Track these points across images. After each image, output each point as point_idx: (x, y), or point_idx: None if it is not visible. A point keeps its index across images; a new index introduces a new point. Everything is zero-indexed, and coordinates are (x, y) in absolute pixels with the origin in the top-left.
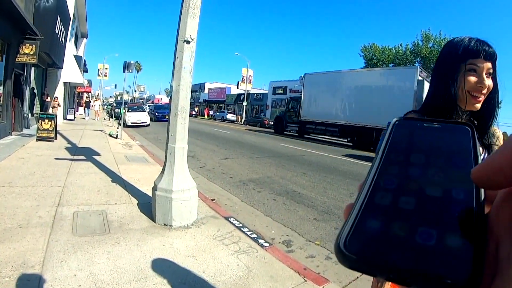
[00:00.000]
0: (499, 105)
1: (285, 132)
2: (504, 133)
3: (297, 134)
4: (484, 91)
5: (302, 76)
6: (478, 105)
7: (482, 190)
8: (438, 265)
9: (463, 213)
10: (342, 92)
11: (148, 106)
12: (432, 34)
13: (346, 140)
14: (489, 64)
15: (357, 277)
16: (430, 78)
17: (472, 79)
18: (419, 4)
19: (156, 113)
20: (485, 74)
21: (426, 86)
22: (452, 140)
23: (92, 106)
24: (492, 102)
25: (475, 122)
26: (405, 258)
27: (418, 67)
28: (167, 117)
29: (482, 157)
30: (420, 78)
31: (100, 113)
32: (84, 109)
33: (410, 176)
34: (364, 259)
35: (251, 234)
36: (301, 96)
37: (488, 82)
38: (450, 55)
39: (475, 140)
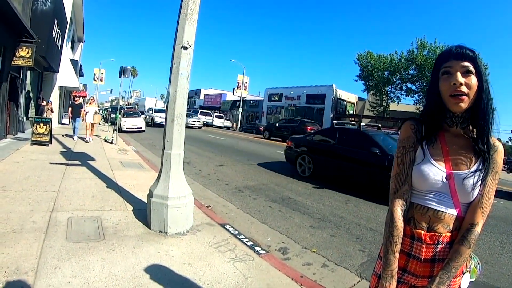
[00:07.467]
0: (494, 111)
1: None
2: (498, 139)
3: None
4: (463, 89)
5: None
6: (462, 104)
7: None
8: None
9: None
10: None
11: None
12: (427, 42)
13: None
14: (463, 63)
15: (354, 285)
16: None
17: (447, 80)
18: (415, 11)
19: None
20: (460, 72)
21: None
22: None
23: (85, 112)
24: (480, 103)
25: (474, 129)
26: None
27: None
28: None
29: (476, 166)
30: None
31: (95, 125)
32: (72, 119)
33: None
34: None
35: (247, 241)
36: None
37: (463, 79)
38: (432, 68)
39: None
